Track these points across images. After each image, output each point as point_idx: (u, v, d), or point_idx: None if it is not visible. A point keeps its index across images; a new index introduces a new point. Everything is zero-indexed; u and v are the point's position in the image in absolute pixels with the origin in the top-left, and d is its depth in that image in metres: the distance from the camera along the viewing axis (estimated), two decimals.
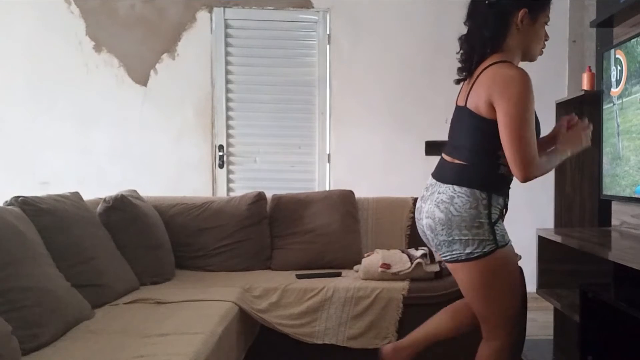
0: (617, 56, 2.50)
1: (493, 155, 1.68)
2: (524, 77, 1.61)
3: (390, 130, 3.95)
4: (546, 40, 1.78)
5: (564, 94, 3.72)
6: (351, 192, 3.04)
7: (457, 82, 1.83)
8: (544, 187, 3.78)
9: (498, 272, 1.70)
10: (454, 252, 1.69)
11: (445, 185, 1.72)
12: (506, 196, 1.74)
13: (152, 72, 3.94)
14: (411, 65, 4.01)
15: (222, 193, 3.94)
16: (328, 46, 3.99)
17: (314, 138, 4.02)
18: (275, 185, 3.63)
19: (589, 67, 2.98)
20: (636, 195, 2.34)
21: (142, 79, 3.94)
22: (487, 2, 1.69)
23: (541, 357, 2.75)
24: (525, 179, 1.63)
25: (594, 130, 2.63)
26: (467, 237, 1.66)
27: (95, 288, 2.09)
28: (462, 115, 1.76)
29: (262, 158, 4.01)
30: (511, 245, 1.73)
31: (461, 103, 1.77)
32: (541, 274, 2.72)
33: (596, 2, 3.49)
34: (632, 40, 2.37)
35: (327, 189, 3.95)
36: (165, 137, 3.97)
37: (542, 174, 1.68)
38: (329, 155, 4.03)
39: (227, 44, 3.94)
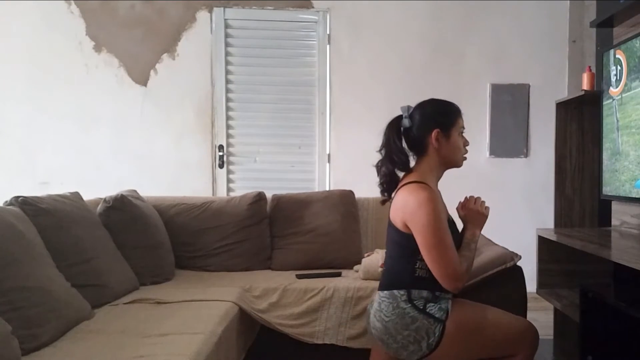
0: (617, 56, 2.50)
1: (411, 261, 1.73)
2: (430, 198, 1.68)
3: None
4: (467, 145, 1.86)
5: (564, 94, 3.73)
6: (351, 192, 3.04)
7: (382, 202, 1.92)
8: (544, 187, 3.80)
9: (465, 332, 1.70)
10: (415, 352, 1.70)
11: (378, 293, 1.81)
12: (430, 290, 1.73)
13: (152, 72, 3.94)
14: (411, 65, 4.01)
15: (222, 193, 3.94)
16: (328, 46, 3.99)
17: (314, 138, 4.02)
18: (275, 185, 3.63)
19: (589, 67, 2.98)
20: (635, 193, 2.34)
21: (142, 79, 3.94)
22: (396, 139, 1.81)
23: (541, 357, 2.75)
24: (456, 290, 1.71)
25: (594, 130, 2.65)
26: (413, 336, 1.68)
27: (95, 288, 2.09)
28: (389, 226, 1.84)
29: (262, 158, 4.01)
30: (451, 304, 1.72)
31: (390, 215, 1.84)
32: (541, 274, 2.72)
33: (596, 2, 3.49)
34: (632, 40, 2.37)
35: (327, 189, 3.95)
36: (165, 137, 3.97)
37: (466, 280, 1.73)
38: (329, 155, 4.03)
39: (227, 44, 3.94)
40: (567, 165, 3.00)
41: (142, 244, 2.52)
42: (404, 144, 1.83)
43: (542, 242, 2.68)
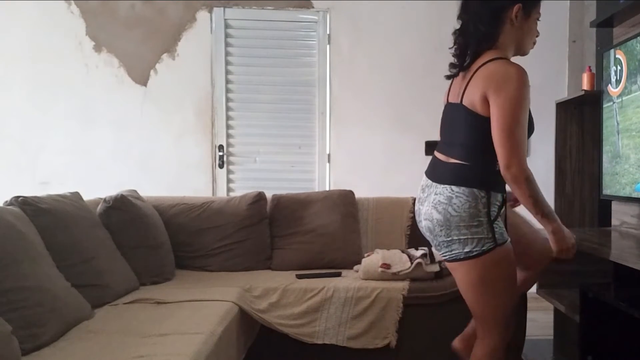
0: (617, 56, 2.50)
1: (489, 152, 1.66)
2: (522, 75, 1.63)
3: (391, 130, 3.94)
4: (537, 36, 1.80)
5: (564, 94, 3.72)
6: (351, 192, 3.04)
7: (448, 77, 1.85)
8: (544, 187, 3.78)
9: (495, 270, 1.69)
10: (453, 252, 1.69)
11: (442, 185, 1.71)
12: (504, 192, 1.73)
13: (152, 72, 3.94)
14: (411, 65, 4.01)
15: (222, 193, 3.94)
16: (328, 46, 3.99)
17: (314, 138, 4.02)
18: (275, 185, 3.63)
19: (589, 67, 2.98)
20: (636, 195, 2.34)
21: (142, 79, 3.94)
22: (477, 4, 1.71)
23: (541, 357, 2.75)
24: (507, 167, 1.60)
25: (594, 130, 2.64)
26: (465, 237, 1.65)
27: (95, 288, 2.09)
28: (456, 112, 1.76)
29: (262, 158, 4.01)
30: (509, 243, 1.72)
31: (454, 100, 1.77)
32: (541, 274, 2.71)
33: (596, 2, 3.49)
34: (632, 40, 2.37)
35: (327, 189, 3.94)
36: (165, 137, 3.97)
37: (524, 181, 1.62)
38: (329, 155, 4.03)
39: (227, 44, 3.94)
40: (567, 165, 3.00)
41: (142, 244, 2.52)
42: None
43: None
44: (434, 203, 1.71)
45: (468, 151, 1.71)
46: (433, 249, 2.34)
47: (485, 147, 1.66)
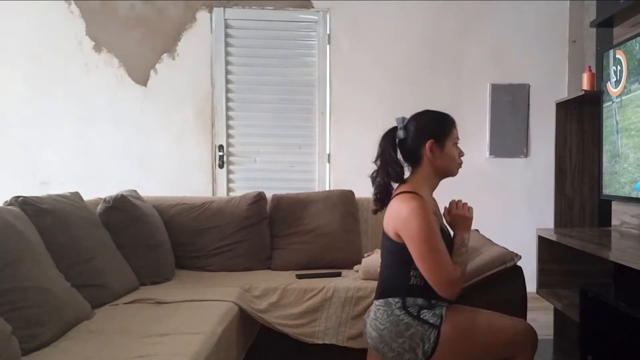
0: (617, 56, 2.50)
1: (405, 269, 1.72)
2: (419, 207, 1.68)
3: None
4: (462, 156, 1.85)
5: (564, 94, 3.73)
6: (351, 192, 3.04)
7: (374, 212, 1.93)
8: (544, 187, 3.80)
9: (462, 338, 1.70)
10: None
11: (373, 302, 1.81)
12: (425, 297, 1.72)
13: (152, 72, 3.94)
14: (411, 65, 4.01)
15: (222, 193, 3.94)
16: (328, 46, 3.99)
17: (314, 138, 4.02)
18: (275, 185, 3.63)
19: (589, 67, 2.98)
20: (635, 194, 2.34)
21: (142, 79, 3.94)
22: (391, 151, 1.82)
23: (541, 357, 2.75)
24: (452, 296, 1.71)
25: (594, 130, 2.64)
26: (407, 342, 1.67)
27: (95, 288, 2.09)
28: (382, 235, 1.85)
29: (262, 158, 4.01)
30: (449, 316, 1.70)
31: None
32: (541, 274, 2.72)
33: (596, 2, 3.50)
34: (632, 40, 2.37)
35: (327, 189, 3.95)
36: (165, 137, 3.97)
37: (459, 286, 1.71)
38: (329, 155, 4.03)
39: (227, 44, 3.94)
40: (567, 165, 3.01)
41: (142, 244, 2.52)
42: (399, 155, 1.84)
43: (542, 242, 2.68)
44: (370, 321, 1.78)
45: (387, 270, 1.81)
46: None
47: (400, 265, 1.74)
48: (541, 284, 2.72)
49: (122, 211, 2.49)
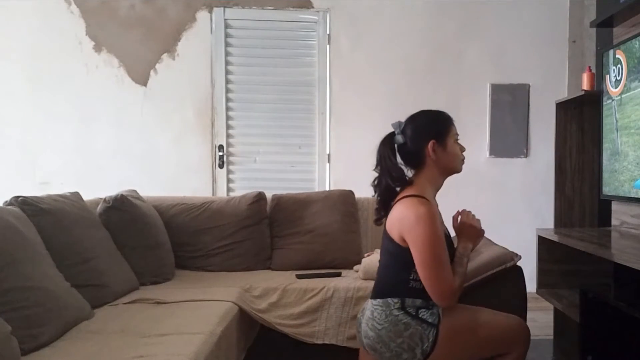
0: (617, 56, 2.50)
1: (405, 272, 1.71)
2: (427, 214, 1.66)
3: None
4: (463, 152, 1.84)
5: (564, 94, 3.73)
6: (351, 192, 3.04)
7: (376, 222, 1.89)
8: (544, 187, 3.80)
9: (460, 337, 1.70)
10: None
11: (370, 301, 1.79)
12: (423, 299, 1.72)
13: (152, 72, 3.94)
14: (411, 65, 4.01)
15: (222, 193, 3.94)
16: (328, 46, 3.99)
17: (314, 138, 4.02)
18: (275, 185, 3.64)
19: (589, 67, 2.98)
20: (634, 193, 2.34)
21: (142, 79, 3.94)
22: (391, 156, 1.80)
23: (541, 357, 2.75)
24: (448, 306, 1.70)
25: (594, 130, 2.64)
26: (406, 342, 1.67)
27: (95, 288, 2.09)
28: (384, 236, 1.82)
29: (262, 158, 4.01)
30: (445, 316, 1.71)
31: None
32: (541, 274, 2.72)
33: (596, 2, 3.50)
34: (632, 40, 2.37)
35: (327, 189, 3.95)
36: (165, 137, 3.97)
37: (456, 296, 1.70)
38: (329, 155, 4.03)
39: (227, 44, 3.94)
40: (567, 165, 3.01)
41: (142, 244, 2.52)
42: (399, 160, 1.82)
43: (542, 242, 2.68)
44: (366, 320, 1.76)
45: (387, 270, 1.79)
46: None
47: (400, 267, 1.72)
48: (541, 284, 2.71)
49: (122, 211, 2.49)
